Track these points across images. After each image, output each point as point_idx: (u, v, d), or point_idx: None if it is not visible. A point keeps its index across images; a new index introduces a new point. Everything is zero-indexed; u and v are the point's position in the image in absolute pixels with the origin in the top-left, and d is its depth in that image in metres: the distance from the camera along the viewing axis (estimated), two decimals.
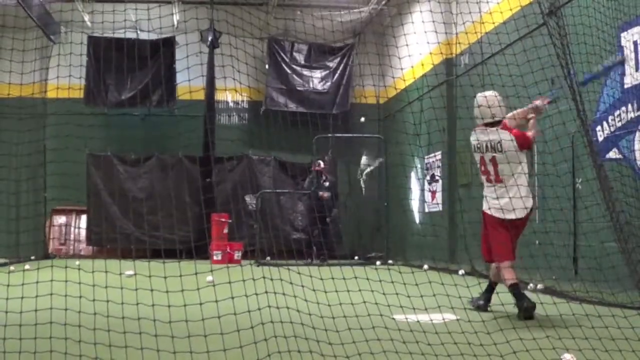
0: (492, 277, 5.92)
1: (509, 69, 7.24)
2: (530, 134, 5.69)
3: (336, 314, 4.39)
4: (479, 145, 5.74)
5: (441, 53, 11.90)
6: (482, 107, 5.78)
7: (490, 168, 5.66)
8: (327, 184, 14.33)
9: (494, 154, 5.61)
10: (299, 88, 16.41)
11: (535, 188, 5.71)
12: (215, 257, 13.03)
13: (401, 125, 14.02)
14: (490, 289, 5.93)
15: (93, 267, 4.34)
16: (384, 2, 14.86)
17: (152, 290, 4.18)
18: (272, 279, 4.46)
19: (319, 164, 14.34)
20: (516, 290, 5.45)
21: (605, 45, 7.05)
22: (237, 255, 13.48)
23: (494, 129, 5.66)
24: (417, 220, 14.40)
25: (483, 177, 5.77)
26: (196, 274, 4.52)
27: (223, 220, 13.82)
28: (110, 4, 13.14)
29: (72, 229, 15.65)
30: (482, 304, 5.85)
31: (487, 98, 5.82)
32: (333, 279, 4.63)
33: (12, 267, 8.84)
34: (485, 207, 5.69)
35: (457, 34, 11.34)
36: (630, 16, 6.98)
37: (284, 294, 4.42)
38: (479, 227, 10.14)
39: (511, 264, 5.57)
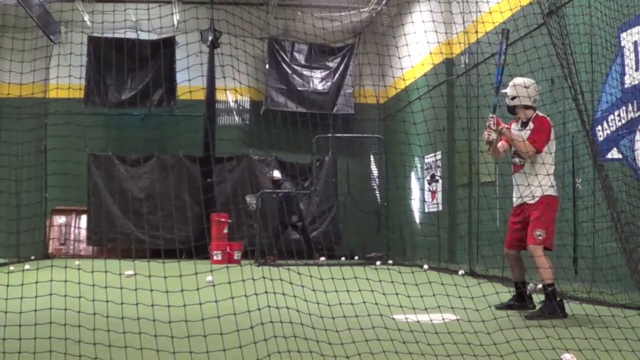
0: (517, 278, 5.88)
1: (508, 68, 7.23)
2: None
3: (336, 314, 4.39)
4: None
5: (441, 53, 11.91)
6: (529, 88, 5.74)
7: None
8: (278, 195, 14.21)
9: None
10: (299, 88, 16.42)
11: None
12: (215, 257, 13.03)
13: (401, 125, 14.02)
14: (520, 288, 5.88)
15: (93, 267, 4.34)
16: (384, 2, 14.86)
17: (151, 290, 4.18)
18: (271, 279, 4.46)
19: (272, 174, 14.21)
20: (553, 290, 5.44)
21: (606, 45, 7.05)
22: (237, 255, 13.48)
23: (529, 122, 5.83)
24: (417, 220, 14.40)
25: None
26: (196, 274, 4.52)
27: (223, 220, 13.82)
28: (110, 4, 13.11)
29: (72, 229, 15.65)
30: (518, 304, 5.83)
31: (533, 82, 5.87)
32: (333, 279, 4.63)
33: (11, 267, 8.83)
34: (556, 191, 5.68)
35: (457, 33, 11.34)
36: (630, 16, 6.97)
37: (283, 294, 4.42)
38: (479, 227, 10.13)
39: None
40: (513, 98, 5.75)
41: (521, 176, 5.67)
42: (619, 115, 7.16)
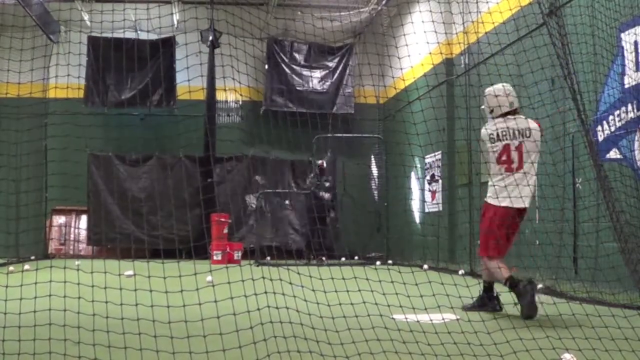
0: (487, 277, 5.89)
1: (508, 69, 7.24)
2: None
3: (336, 314, 4.38)
4: (503, 133, 5.65)
5: (441, 53, 11.91)
6: (499, 97, 5.69)
7: (515, 155, 5.59)
8: (327, 183, 14.34)
9: (522, 141, 5.59)
10: (298, 88, 16.41)
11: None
12: (215, 257, 13.03)
13: (401, 125, 14.02)
14: (489, 289, 5.90)
15: (92, 268, 4.33)
16: (383, 2, 14.86)
17: (151, 290, 4.17)
18: (271, 279, 4.45)
19: (322, 163, 14.42)
20: (513, 284, 5.42)
21: (605, 45, 7.05)
22: (237, 255, 13.49)
23: (520, 116, 5.70)
24: (417, 220, 14.40)
25: (501, 167, 5.63)
26: (195, 274, 4.51)
27: (223, 220, 13.82)
28: (110, 4, 13.12)
29: (72, 229, 15.65)
30: (492, 305, 5.81)
31: (504, 88, 5.78)
32: (332, 279, 4.62)
33: (11, 268, 8.83)
34: (494, 199, 5.59)
35: (456, 33, 11.33)
36: (629, 16, 6.97)
37: (283, 294, 4.41)
38: (478, 226, 10.10)
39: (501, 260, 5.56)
40: (492, 111, 5.75)
41: (513, 178, 5.65)
42: (618, 115, 7.16)
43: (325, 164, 14.56)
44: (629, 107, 6.99)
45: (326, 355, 3.59)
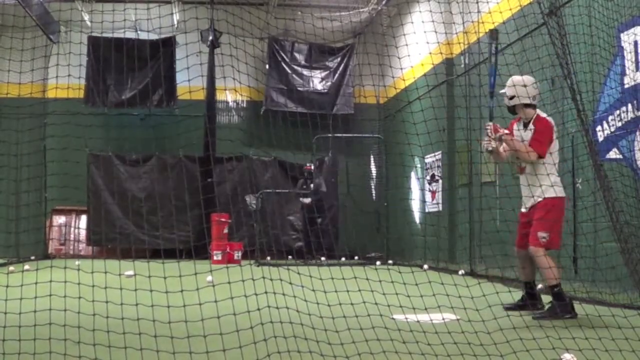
0: (527, 277, 5.82)
1: (508, 68, 7.23)
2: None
3: (336, 314, 4.38)
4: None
5: (441, 53, 11.91)
6: (527, 87, 5.63)
7: None
8: (312, 186, 14.33)
9: None
10: (299, 88, 16.42)
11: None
12: (215, 257, 13.03)
13: (401, 125, 14.02)
14: (530, 288, 5.82)
15: (92, 268, 4.33)
16: (384, 2, 14.86)
17: (151, 290, 4.18)
18: (271, 279, 4.46)
19: (310, 165, 14.43)
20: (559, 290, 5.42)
21: (605, 45, 7.05)
22: (237, 255, 13.49)
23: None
24: (417, 220, 14.40)
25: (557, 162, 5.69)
26: (196, 274, 4.52)
27: (223, 220, 13.83)
28: (110, 4, 13.11)
29: (72, 229, 15.65)
30: (534, 305, 5.74)
31: (530, 80, 5.76)
32: (333, 279, 4.63)
33: (11, 268, 8.83)
34: (559, 192, 5.60)
35: (456, 33, 11.34)
36: (629, 16, 6.97)
37: (283, 294, 4.41)
38: (479, 227, 10.11)
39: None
40: (512, 98, 5.68)
41: (525, 179, 5.62)
42: (618, 115, 7.16)
43: (312, 167, 14.54)
44: (629, 107, 6.99)
45: (326, 355, 3.59)
